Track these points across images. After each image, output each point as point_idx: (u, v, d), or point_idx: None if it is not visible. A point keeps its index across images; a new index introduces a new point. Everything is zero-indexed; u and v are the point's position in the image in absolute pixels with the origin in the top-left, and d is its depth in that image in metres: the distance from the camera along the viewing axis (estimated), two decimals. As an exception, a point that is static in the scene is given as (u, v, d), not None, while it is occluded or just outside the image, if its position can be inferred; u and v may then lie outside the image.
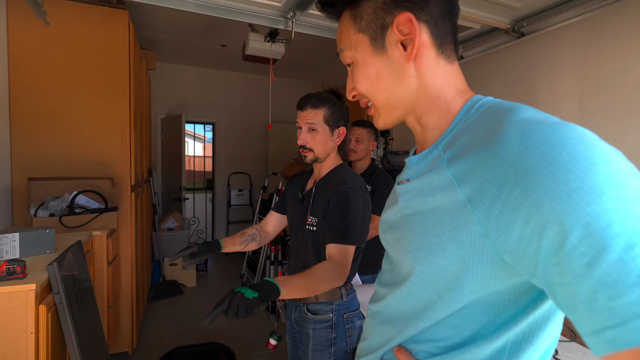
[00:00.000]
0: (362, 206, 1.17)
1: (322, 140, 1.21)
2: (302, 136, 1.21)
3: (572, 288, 0.33)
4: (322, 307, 1.22)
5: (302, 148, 1.23)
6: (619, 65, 1.74)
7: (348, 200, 1.15)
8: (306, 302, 1.24)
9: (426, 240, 0.47)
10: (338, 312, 1.22)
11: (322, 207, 1.21)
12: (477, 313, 0.45)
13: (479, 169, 0.41)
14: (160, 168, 4.76)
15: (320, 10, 0.58)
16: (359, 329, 1.26)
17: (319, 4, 0.57)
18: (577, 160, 0.34)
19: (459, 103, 0.52)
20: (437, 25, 0.50)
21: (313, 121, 1.20)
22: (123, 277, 2.25)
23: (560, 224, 0.33)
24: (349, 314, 1.25)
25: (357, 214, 1.15)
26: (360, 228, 1.15)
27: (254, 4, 1.74)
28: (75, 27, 2.06)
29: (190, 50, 4.12)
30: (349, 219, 1.13)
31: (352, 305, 1.26)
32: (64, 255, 1.31)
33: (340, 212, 1.15)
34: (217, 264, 4.65)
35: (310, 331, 1.23)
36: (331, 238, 1.13)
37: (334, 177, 1.24)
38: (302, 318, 1.27)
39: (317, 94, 1.23)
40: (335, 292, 1.23)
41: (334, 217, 1.15)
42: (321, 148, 1.22)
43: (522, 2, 1.76)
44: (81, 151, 2.11)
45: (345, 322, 1.24)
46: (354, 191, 1.17)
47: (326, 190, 1.22)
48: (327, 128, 1.22)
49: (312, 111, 1.20)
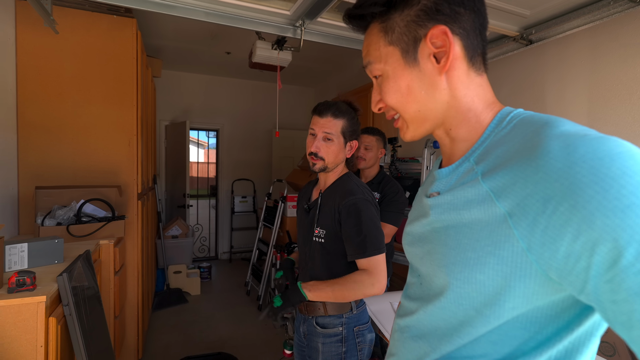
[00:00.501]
0: (373, 215, 1.16)
1: (335, 150, 1.20)
2: (317, 143, 1.19)
3: (629, 306, 0.32)
4: (332, 320, 1.19)
5: (313, 155, 1.20)
6: (629, 72, 1.73)
7: (360, 212, 1.14)
8: (315, 314, 1.21)
9: (462, 255, 0.46)
10: (348, 325, 1.19)
11: (330, 218, 1.19)
12: (517, 329, 0.44)
13: (519, 183, 0.40)
14: (164, 175, 4.76)
15: (346, 23, 0.57)
16: (369, 342, 1.23)
17: (346, 17, 0.56)
18: (629, 176, 0.33)
19: (489, 115, 0.51)
20: (469, 38, 0.49)
21: (331, 130, 1.18)
22: (129, 287, 2.22)
23: (614, 240, 0.32)
24: (359, 327, 1.21)
25: (371, 224, 1.14)
26: (378, 235, 1.14)
27: (263, 12, 1.75)
28: (83, 36, 2.07)
29: (195, 58, 4.14)
30: (365, 231, 1.12)
31: (362, 318, 1.23)
32: (73, 266, 1.29)
33: (354, 225, 1.13)
34: (221, 271, 4.62)
35: (320, 345, 1.19)
36: (353, 254, 1.13)
37: (340, 186, 1.22)
38: (310, 332, 1.23)
39: (337, 103, 1.21)
40: (345, 305, 1.20)
41: (350, 231, 1.14)
42: (332, 158, 1.21)
43: (531, 10, 1.76)
44: (88, 159, 2.10)
45: (356, 336, 1.20)
46: (363, 201, 1.16)
47: (333, 201, 1.20)
48: (342, 140, 1.21)
49: (332, 120, 1.19)
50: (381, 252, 1.12)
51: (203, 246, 5.17)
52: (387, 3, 0.50)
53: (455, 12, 0.48)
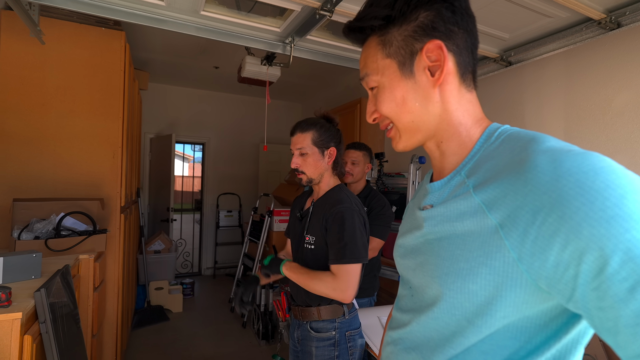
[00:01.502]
0: (357, 224, 1.21)
1: (312, 162, 1.27)
2: (295, 160, 1.28)
3: (614, 312, 0.33)
4: (325, 324, 1.25)
5: (296, 172, 1.29)
6: (601, 94, 1.83)
7: (344, 220, 1.19)
8: (309, 319, 1.26)
9: (455, 265, 0.47)
10: (340, 330, 1.25)
11: (319, 226, 1.24)
12: (508, 339, 0.45)
13: (509, 195, 0.42)
14: (147, 188, 4.67)
15: (346, 35, 0.59)
16: (360, 347, 1.29)
17: (346, 29, 0.58)
18: (612, 189, 0.35)
19: (479, 130, 0.53)
20: (462, 56, 0.52)
21: (302, 145, 1.26)
22: (108, 303, 2.14)
23: (600, 249, 0.34)
24: (350, 332, 1.27)
25: (354, 233, 1.18)
26: (359, 245, 1.18)
27: (254, 29, 1.78)
28: (70, 47, 2.05)
29: (183, 72, 4.14)
30: (346, 239, 1.17)
31: (353, 324, 1.29)
32: (51, 281, 1.24)
33: (337, 232, 1.19)
34: (205, 288, 4.51)
35: (313, 349, 1.24)
36: (331, 259, 1.18)
37: (331, 197, 1.28)
38: (304, 336, 1.28)
39: (305, 119, 1.30)
40: (338, 310, 1.26)
41: (332, 238, 1.20)
42: (312, 170, 1.28)
43: (510, 34, 1.85)
44: (70, 171, 2.05)
45: (347, 340, 1.26)
46: (349, 210, 1.21)
47: (322, 209, 1.26)
48: (316, 150, 1.27)
49: (301, 135, 1.27)
50: (358, 262, 1.16)
51: (186, 261, 5.05)
52: (387, 18, 0.53)
53: (450, 30, 0.51)
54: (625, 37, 1.70)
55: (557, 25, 1.72)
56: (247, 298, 1.30)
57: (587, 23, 1.64)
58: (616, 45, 1.75)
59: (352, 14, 1.58)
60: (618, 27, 1.56)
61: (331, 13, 1.50)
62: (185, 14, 1.64)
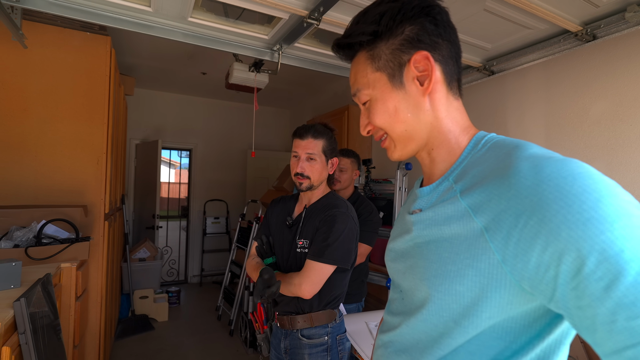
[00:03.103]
0: (348, 230, 1.22)
1: (319, 169, 1.28)
2: (301, 164, 1.27)
3: (592, 310, 0.35)
4: (318, 330, 1.25)
5: (299, 176, 1.28)
6: (579, 103, 1.90)
7: (334, 223, 1.21)
8: (299, 327, 1.25)
9: (443, 268, 0.49)
10: (332, 335, 1.26)
11: (312, 229, 1.25)
12: (494, 339, 0.46)
13: (494, 199, 0.44)
14: (132, 195, 4.58)
15: (335, 52, 0.62)
16: (347, 350, 1.30)
17: (335, 47, 0.61)
18: (589, 193, 0.37)
19: (466, 138, 0.56)
20: (447, 65, 0.55)
21: (313, 151, 1.27)
22: (91, 313, 2.09)
23: (577, 250, 0.35)
24: (340, 336, 1.29)
25: (340, 236, 1.19)
26: (342, 250, 1.20)
27: (242, 36, 1.79)
28: (53, 51, 2.02)
29: (170, 77, 4.11)
30: (330, 240, 1.18)
31: (342, 328, 1.32)
32: (32, 291, 1.21)
33: (324, 232, 1.21)
34: (191, 296, 4.43)
35: (306, 357, 1.23)
36: (309, 255, 1.20)
37: (327, 202, 1.30)
38: (294, 345, 1.26)
39: (315, 125, 1.30)
40: (331, 315, 1.27)
41: (318, 236, 1.21)
42: (317, 176, 1.28)
43: (492, 44, 1.91)
44: (52, 178, 2.01)
45: (338, 344, 1.27)
46: (343, 215, 1.23)
47: (317, 214, 1.27)
48: (324, 158, 1.29)
49: (313, 141, 1.27)
50: (334, 264, 1.18)
51: (172, 269, 4.96)
52: (374, 33, 0.55)
53: (435, 42, 0.53)
54: (601, 48, 1.77)
55: (536, 36, 1.79)
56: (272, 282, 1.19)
57: (565, 35, 1.70)
58: (592, 56, 1.82)
59: (338, 23, 1.61)
60: (594, 39, 1.63)
61: (318, 22, 1.53)
62: (172, 20, 1.63)
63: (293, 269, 1.28)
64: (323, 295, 1.24)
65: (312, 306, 1.25)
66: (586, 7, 1.49)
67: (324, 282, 1.19)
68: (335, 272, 1.23)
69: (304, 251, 1.25)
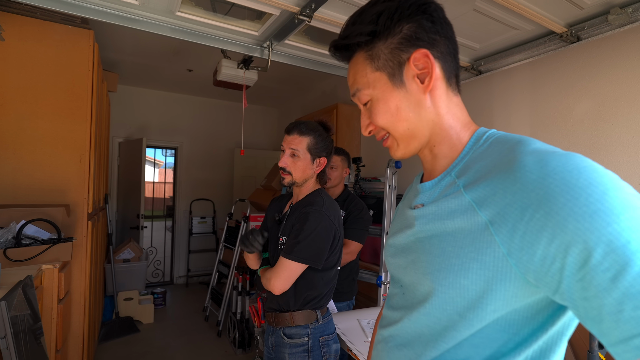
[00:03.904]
0: (321, 228, 1.20)
1: (301, 166, 1.26)
2: (284, 159, 1.26)
3: (598, 301, 0.35)
4: (298, 330, 1.24)
5: (282, 170, 1.28)
6: (563, 102, 1.95)
7: (306, 221, 1.20)
8: (282, 325, 1.25)
9: (447, 262, 0.49)
10: (314, 336, 1.24)
11: (291, 227, 1.26)
12: (497, 332, 0.47)
13: (499, 193, 0.44)
14: (115, 194, 4.47)
15: (332, 53, 0.61)
16: (334, 353, 1.28)
17: (332, 48, 0.60)
18: (594, 186, 0.37)
19: (467, 134, 0.56)
20: (446, 61, 0.55)
21: (296, 147, 1.25)
22: (74, 316, 2.02)
23: (584, 242, 0.36)
24: (324, 338, 1.26)
25: (311, 235, 1.18)
26: (312, 249, 1.18)
27: (231, 32, 1.76)
28: (32, 45, 1.94)
29: (154, 74, 4.02)
30: (300, 237, 1.18)
31: (328, 329, 1.28)
32: (12, 294, 1.16)
33: (296, 229, 1.21)
34: (177, 297, 4.35)
35: (287, 356, 1.22)
36: (282, 252, 1.21)
37: (307, 200, 1.30)
38: (278, 343, 1.26)
39: (306, 122, 1.29)
40: (311, 315, 1.25)
41: (292, 234, 1.22)
42: (299, 174, 1.27)
43: (480, 44, 1.94)
44: (32, 176, 1.93)
45: (322, 346, 1.25)
46: (316, 212, 1.21)
47: (298, 212, 1.26)
48: (308, 156, 1.27)
49: (298, 137, 1.26)
50: (302, 262, 1.17)
51: (157, 270, 4.86)
52: (372, 33, 0.55)
53: (433, 39, 0.53)
54: (584, 50, 1.82)
55: (523, 37, 1.83)
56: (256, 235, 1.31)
57: (550, 36, 1.74)
58: (576, 57, 1.87)
59: (330, 20, 1.60)
60: (578, 40, 1.67)
61: (310, 18, 1.52)
62: (159, 14, 1.59)
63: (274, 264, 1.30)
64: (299, 294, 1.23)
65: (289, 305, 1.24)
66: (571, 9, 1.53)
67: (293, 279, 1.19)
68: (311, 271, 1.21)
69: (282, 247, 1.26)
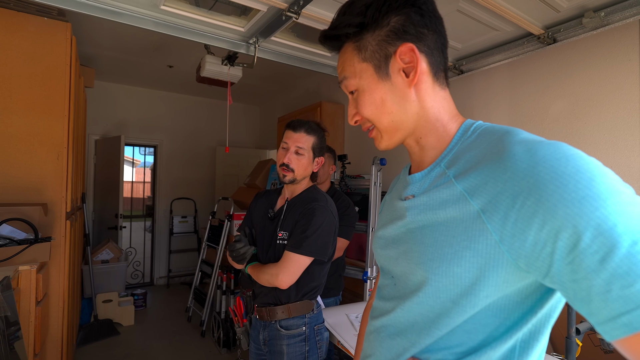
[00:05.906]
0: (327, 223, 1.26)
1: (305, 164, 1.31)
2: (289, 156, 1.29)
3: (587, 282, 0.37)
4: (295, 321, 1.27)
5: (284, 167, 1.29)
6: (540, 101, 2.03)
7: (313, 216, 1.24)
8: (277, 318, 1.27)
9: (440, 251, 0.50)
10: (310, 325, 1.29)
11: (292, 222, 1.28)
12: (489, 317, 0.49)
13: (490, 182, 0.46)
14: (92, 194, 4.32)
15: (322, 43, 0.62)
16: (325, 340, 1.34)
17: (322, 38, 0.61)
18: (582, 173, 0.39)
19: (455, 126, 0.57)
20: (433, 56, 0.56)
21: (303, 145, 1.30)
22: (52, 319, 1.95)
23: (573, 227, 0.38)
24: (318, 326, 1.32)
25: (319, 229, 1.23)
26: (321, 242, 1.23)
27: (217, 27, 1.74)
28: (5, 36, 1.85)
29: (133, 70, 3.91)
30: (308, 232, 1.22)
31: (320, 318, 1.34)
32: (-10, 295, 1.11)
33: (303, 225, 1.24)
34: (158, 298, 4.26)
35: (285, 347, 1.25)
36: (287, 246, 1.23)
37: (307, 196, 1.33)
38: (273, 336, 1.28)
39: (309, 122, 1.33)
40: (308, 305, 1.30)
41: (297, 229, 1.25)
42: (302, 171, 1.31)
43: (462, 44, 1.99)
44: (6, 174, 1.84)
45: (316, 334, 1.30)
46: (322, 208, 1.26)
47: (297, 207, 1.30)
48: (311, 155, 1.32)
49: (305, 136, 1.30)
50: (311, 256, 1.22)
51: (137, 271, 4.74)
52: (360, 25, 0.55)
53: (420, 33, 0.54)
54: (560, 51, 1.91)
55: (503, 38, 1.89)
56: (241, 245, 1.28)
57: (528, 37, 1.81)
58: (552, 58, 1.95)
59: (318, 17, 1.60)
60: (554, 42, 1.75)
61: (298, 15, 1.52)
62: (143, 7, 1.55)
63: (272, 260, 1.30)
64: (300, 286, 1.27)
65: (289, 297, 1.27)
66: (548, 12, 1.60)
67: (300, 273, 1.22)
68: (314, 263, 1.26)
69: (283, 243, 1.28)
